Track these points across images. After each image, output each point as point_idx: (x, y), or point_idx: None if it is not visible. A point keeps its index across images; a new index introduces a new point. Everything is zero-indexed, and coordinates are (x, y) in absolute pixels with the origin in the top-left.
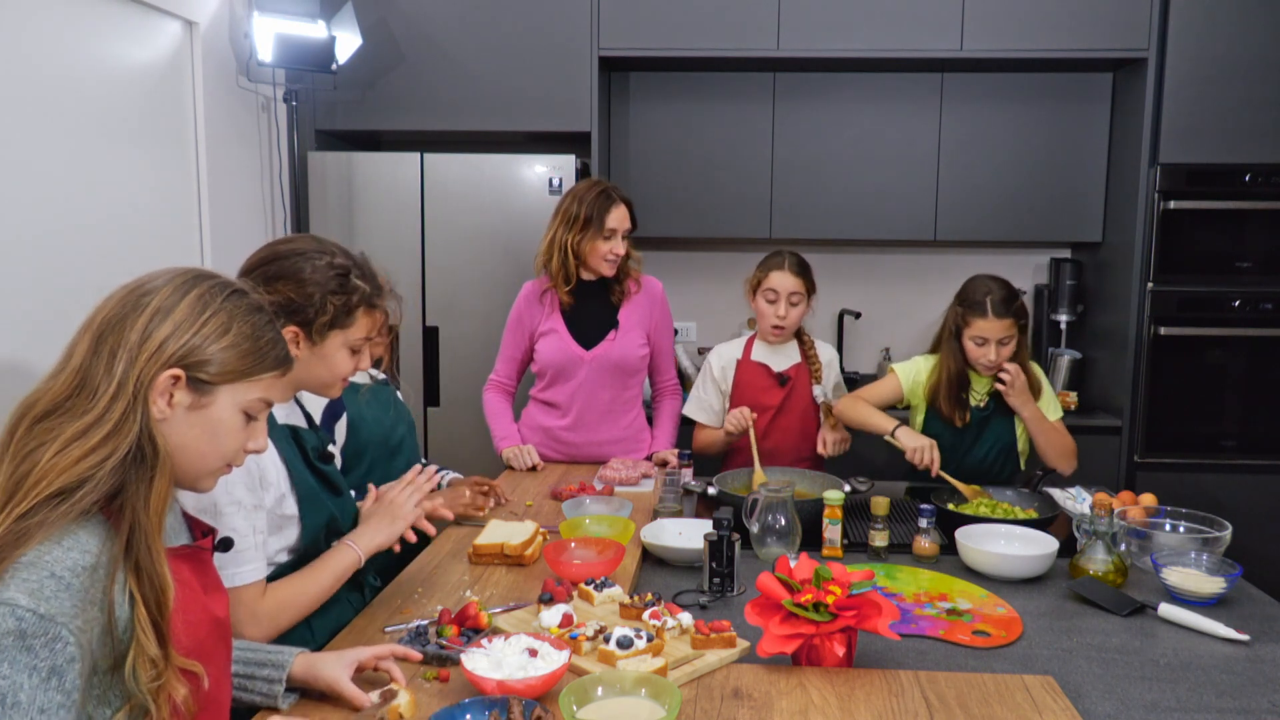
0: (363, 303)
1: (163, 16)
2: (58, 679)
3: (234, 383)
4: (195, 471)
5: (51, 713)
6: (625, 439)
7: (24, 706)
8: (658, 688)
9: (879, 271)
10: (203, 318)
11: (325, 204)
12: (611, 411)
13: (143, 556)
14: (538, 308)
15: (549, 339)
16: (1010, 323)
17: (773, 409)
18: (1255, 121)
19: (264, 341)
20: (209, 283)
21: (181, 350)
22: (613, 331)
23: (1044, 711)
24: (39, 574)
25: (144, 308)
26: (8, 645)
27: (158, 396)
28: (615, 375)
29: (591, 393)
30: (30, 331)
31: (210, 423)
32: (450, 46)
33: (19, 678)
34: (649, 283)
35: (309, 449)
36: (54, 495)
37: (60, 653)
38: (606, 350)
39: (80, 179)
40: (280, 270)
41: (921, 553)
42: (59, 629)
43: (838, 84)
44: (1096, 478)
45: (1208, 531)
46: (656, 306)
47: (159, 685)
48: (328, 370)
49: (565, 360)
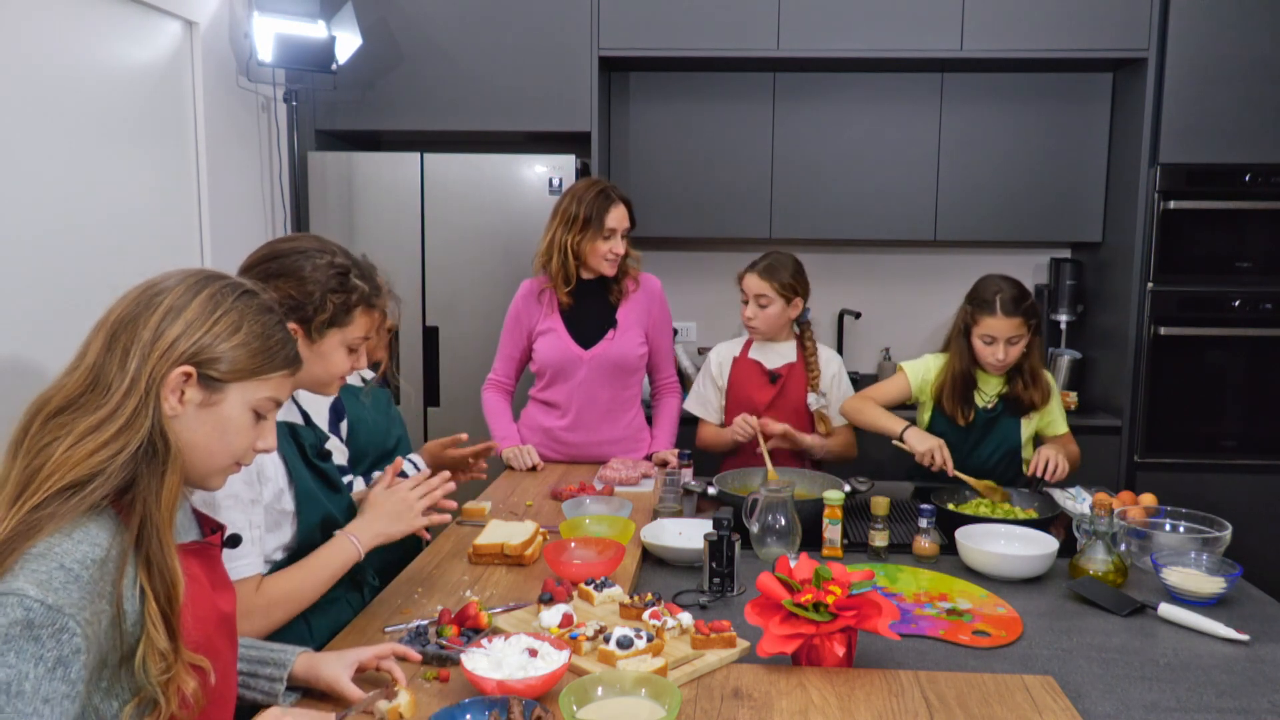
0: (361, 302)
1: (163, 16)
2: (63, 669)
3: (244, 381)
4: (204, 469)
5: (55, 703)
6: (625, 438)
7: (28, 696)
8: (658, 688)
9: (879, 271)
10: (214, 316)
11: (325, 204)
12: (611, 411)
13: (153, 551)
14: (536, 306)
15: (547, 338)
16: (1019, 322)
17: (763, 406)
18: (1255, 121)
19: (274, 341)
20: (220, 283)
21: (193, 348)
22: (611, 331)
23: (1044, 711)
24: (48, 565)
25: (157, 306)
26: (15, 635)
27: (169, 393)
28: (614, 374)
29: (591, 392)
30: (30, 331)
31: (220, 420)
32: (450, 46)
33: (25, 667)
34: (647, 280)
35: (307, 446)
36: (66, 488)
37: (66, 644)
38: (605, 350)
39: (80, 179)
40: (281, 268)
41: (921, 553)
42: (66, 620)
43: (838, 84)
44: (1096, 478)
45: (1208, 531)
46: (655, 304)
47: (169, 678)
48: (325, 369)
49: (564, 359)
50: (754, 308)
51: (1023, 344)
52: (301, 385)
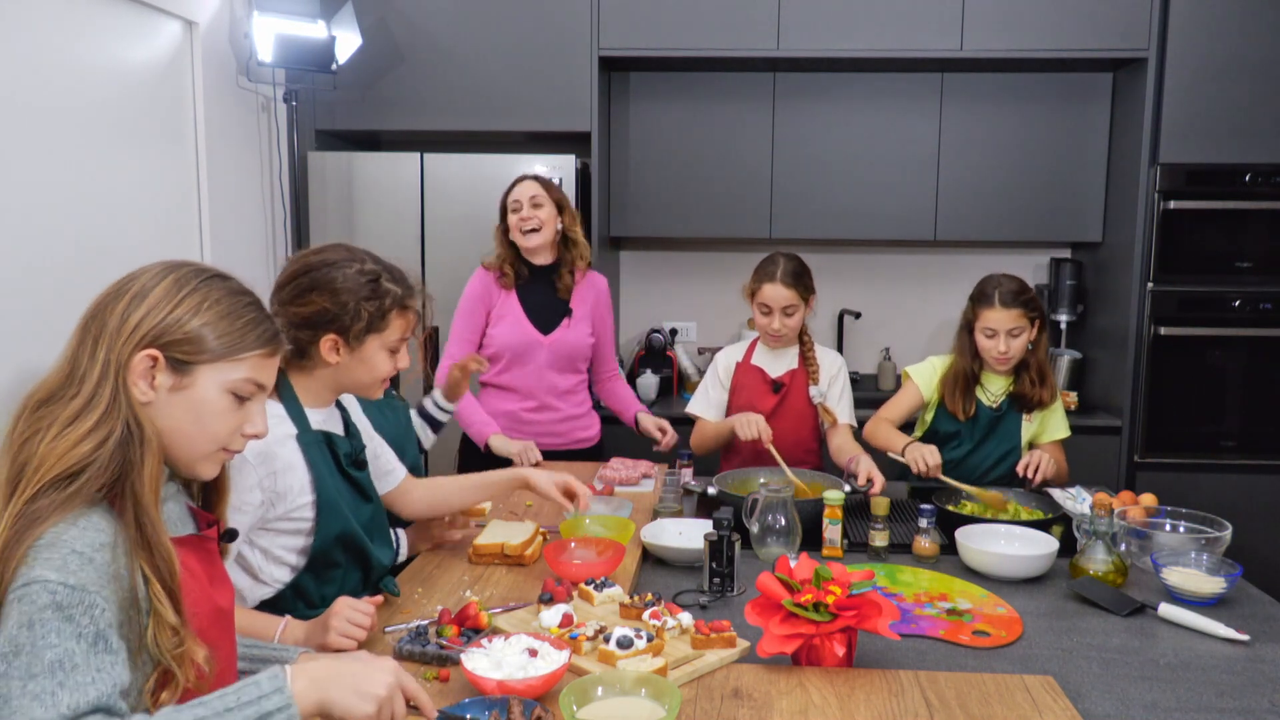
0: (395, 305)
1: (163, 16)
2: (104, 642)
3: (214, 363)
4: (187, 455)
5: (107, 671)
6: (582, 415)
7: (82, 667)
8: (658, 688)
9: (879, 271)
10: (177, 298)
11: (325, 204)
12: (566, 393)
13: (149, 534)
14: (494, 291)
15: (505, 323)
16: (1019, 313)
17: (765, 414)
18: (1255, 121)
19: (243, 321)
20: (188, 268)
21: (155, 330)
22: (567, 319)
23: (1044, 711)
24: (61, 552)
25: (124, 294)
26: (49, 618)
27: (138, 379)
28: (570, 359)
29: (548, 376)
30: (30, 330)
31: (194, 404)
32: (450, 46)
33: (69, 645)
34: (594, 277)
35: (342, 455)
36: (56, 480)
37: (100, 618)
38: (563, 335)
39: (80, 179)
40: (313, 282)
41: (921, 553)
42: (93, 596)
43: (838, 84)
44: (1096, 478)
45: (1208, 531)
46: (601, 300)
47: (181, 650)
48: (368, 373)
49: (522, 344)
50: (780, 319)
51: (1025, 338)
52: (347, 390)
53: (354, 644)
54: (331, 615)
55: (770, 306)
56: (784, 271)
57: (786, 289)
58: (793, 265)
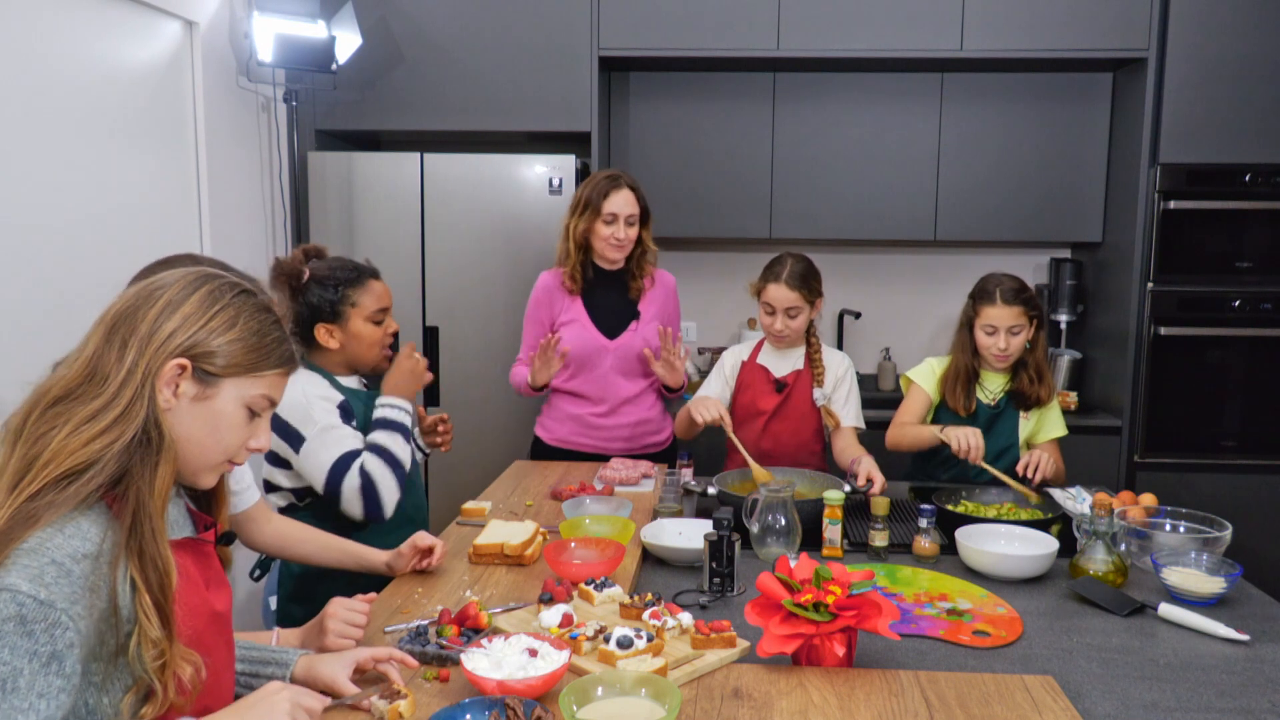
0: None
1: (163, 16)
2: (57, 664)
3: (238, 377)
4: (196, 463)
5: (50, 697)
6: (652, 419)
7: (23, 691)
8: (658, 688)
9: (879, 271)
10: (210, 312)
11: (325, 204)
12: (637, 397)
13: (146, 540)
14: (557, 295)
15: (571, 328)
16: (1019, 311)
17: (767, 414)
18: (1255, 121)
19: (269, 339)
20: (218, 281)
21: (188, 341)
22: (635, 322)
23: (1044, 711)
24: (40, 560)
25: (155, 301)
26: (8, 630)
27: (164, 385)
28: (637, 364)
29: (617, 381)
30: (30, 330)
31: (213, 415)
32: (450, 46)
33: (19, 663)
34: (662, 275)
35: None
36: (62, 476)
37: (60, 638)
38: (630, 340)
39: (80, 179)
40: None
41: (921, 553)
42: (59, 614)
43: (838, 84)
44: (1096, 478)
45: (1208, 531)
46: (670, 297)
47: (162, 664)
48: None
49: (589, 349)
50: (783, 320)
51: (1024, 335)
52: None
53: (352, 643)
54: (327, 616)
55: (774, 306)
56: (790, 273)
57: (790, 290)
58: (800, 267)
